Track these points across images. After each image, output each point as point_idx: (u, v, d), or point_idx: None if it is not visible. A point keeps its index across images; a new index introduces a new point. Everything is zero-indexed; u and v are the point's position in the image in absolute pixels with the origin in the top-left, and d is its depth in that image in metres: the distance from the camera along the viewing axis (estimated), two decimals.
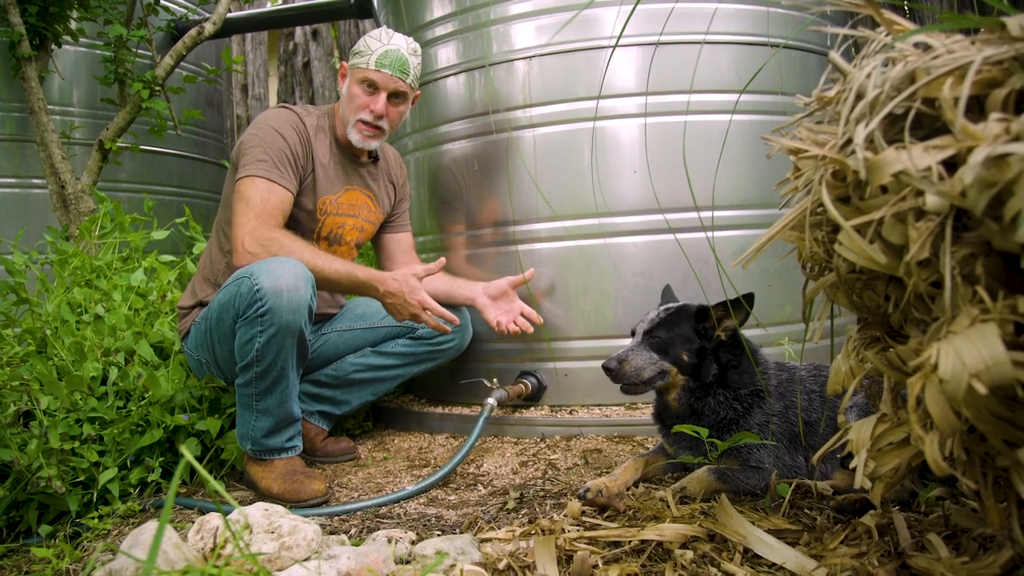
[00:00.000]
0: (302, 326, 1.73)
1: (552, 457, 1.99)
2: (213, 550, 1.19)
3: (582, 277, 2.25)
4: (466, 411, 2.38)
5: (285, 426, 1.84)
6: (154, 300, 2.33)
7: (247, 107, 5.61)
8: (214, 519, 1.26)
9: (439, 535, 1.38)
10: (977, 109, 0.72)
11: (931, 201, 0.69)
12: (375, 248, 2.46)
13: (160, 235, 2.62)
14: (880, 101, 0.78)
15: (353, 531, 1.50)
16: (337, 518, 1.62)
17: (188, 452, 0.61)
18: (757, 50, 2.27)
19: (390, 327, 2.24)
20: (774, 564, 1.11)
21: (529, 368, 2.31)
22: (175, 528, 1.54)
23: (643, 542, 1.20)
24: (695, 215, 2.06)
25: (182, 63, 3.40)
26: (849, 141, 0.81)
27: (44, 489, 1.66)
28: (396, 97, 2.08)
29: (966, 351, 0.65)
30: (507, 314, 2.20)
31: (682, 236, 2.04)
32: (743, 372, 1.54)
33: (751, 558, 1.14)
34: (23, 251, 2.43)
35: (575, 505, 1.40)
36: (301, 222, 2.08)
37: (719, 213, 2.18)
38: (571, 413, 2.23)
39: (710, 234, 2.07)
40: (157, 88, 3.22)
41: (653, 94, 2.18)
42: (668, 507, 1.38)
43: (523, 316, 2.20)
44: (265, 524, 1.24)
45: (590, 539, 1.24)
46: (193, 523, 1.29)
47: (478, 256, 2.42)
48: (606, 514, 1.39)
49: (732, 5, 2.25)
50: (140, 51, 3.33)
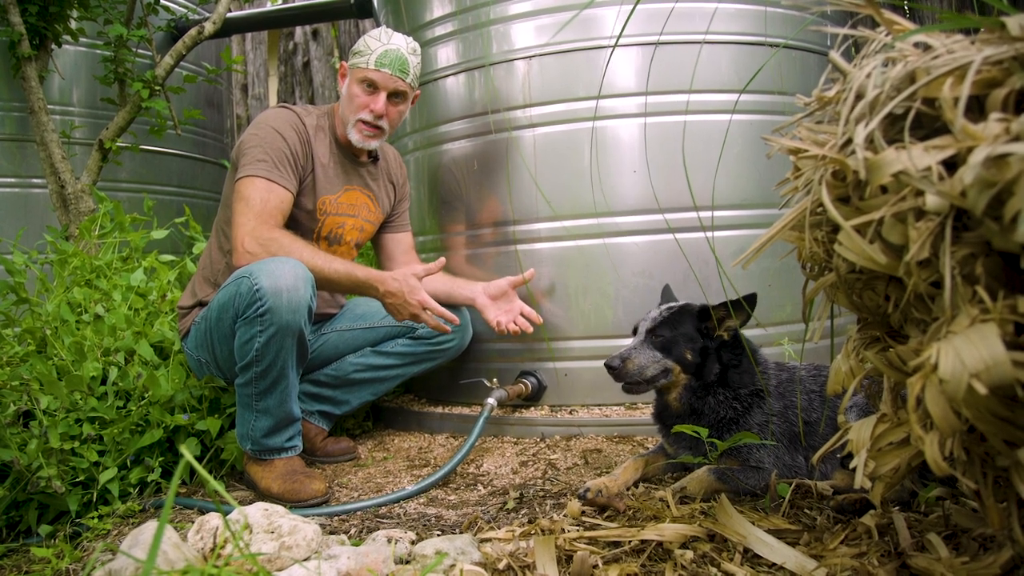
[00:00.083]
0: (302, 326, 1.74)
1: (552, 457, 1.99)
2: (213, 550, 1.19)
3: (582, 277, 2.25)
4: (466, 411, 2.38)
5: (285, 426, 1.84)
6: (154, 300, 2.33)
7: (247, 107, 5.61)
8: (214, 519, 1.26)
9: (439, 535, 1.38)
10: (977, 109, 0.72)
11: (931, 201, 0.69)
12: (375, 248, 2.46)
13: (160, 235, 2.62)
14: (880, 101, 0.78)
15: (353, 531, 1.50)
16: (337, 518, 1.62)
17: (188, 452, 0.61)
18: (757, 50, 2.27)
19: (390, 327, 2.24)
20: (774, 564, 1.11)
21: (529, 368, 2.31)
22: (175, 528, 1.54)
23: (643, 542, 1.20)
24: (695, 215, 2.06)
25: (182, 63, 3.40)
26: (849, 141, 0.81)
27: (44, 489, 1.66)
28: (396, 97, 2.08)
29: (966, 351, 0.65)
30: (507, 314, 2.20)
31: (682, 236, 2.04)
32: (743, 372, 1.54)
33: (751, 558, 1.14)
34: (23, 251, 2.43)
35: (575, 505, 1.39)
36: (301, 222, 2.08)
37: (719, 213, 2.18)
38: (571, 413, 2.23)
39: (710, 234, 2.07)
40: (157, 88, 3.22)
41: (653, 94, 2.18)
42: (668, 507, 1.38)
43: (523, 316, 2.20)
44: (265, 524, 1.24)
45: (590, 539, 1.24)
46: (193, 523, 1.29)
47: (478, 256, 2.42)
48: (606, 514, 1.39)
49: (732, 5, 2.25)
50: (140, 51, 3.33)
